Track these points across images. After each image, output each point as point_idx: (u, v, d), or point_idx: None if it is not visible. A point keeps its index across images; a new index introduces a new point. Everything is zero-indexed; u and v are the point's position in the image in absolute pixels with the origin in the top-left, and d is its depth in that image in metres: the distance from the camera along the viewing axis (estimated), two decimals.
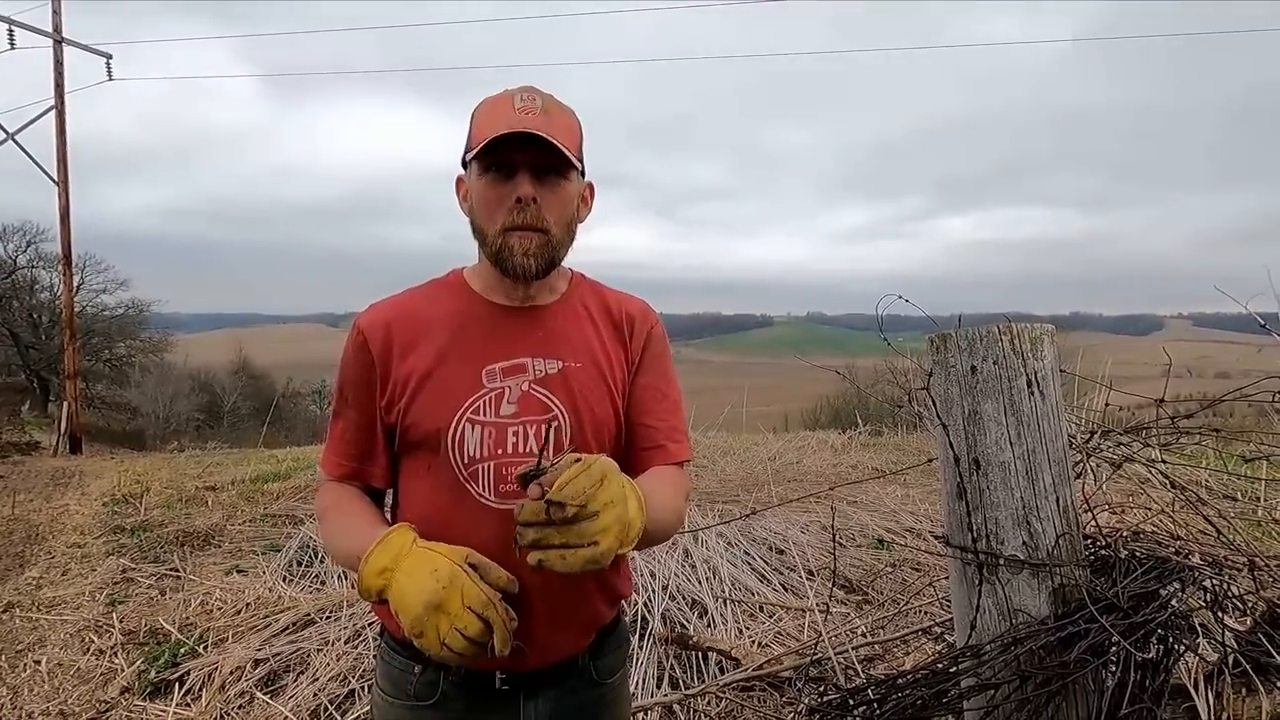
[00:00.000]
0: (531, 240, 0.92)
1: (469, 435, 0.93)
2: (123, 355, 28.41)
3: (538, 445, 0.93)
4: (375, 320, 0.98)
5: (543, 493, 0.72)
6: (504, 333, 0.97)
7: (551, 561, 0.74)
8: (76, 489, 7.92)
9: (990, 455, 0.87)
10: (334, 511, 0.99)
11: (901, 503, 4.59)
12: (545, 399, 0.95)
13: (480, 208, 0.94)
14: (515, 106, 0.91)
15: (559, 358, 0.97)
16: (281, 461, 9.27)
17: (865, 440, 8.30)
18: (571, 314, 1.01)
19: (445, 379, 0.94)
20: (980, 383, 0.88)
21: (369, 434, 1.00)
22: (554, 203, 0.93)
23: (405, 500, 1.00)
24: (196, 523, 5.23)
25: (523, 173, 0.91)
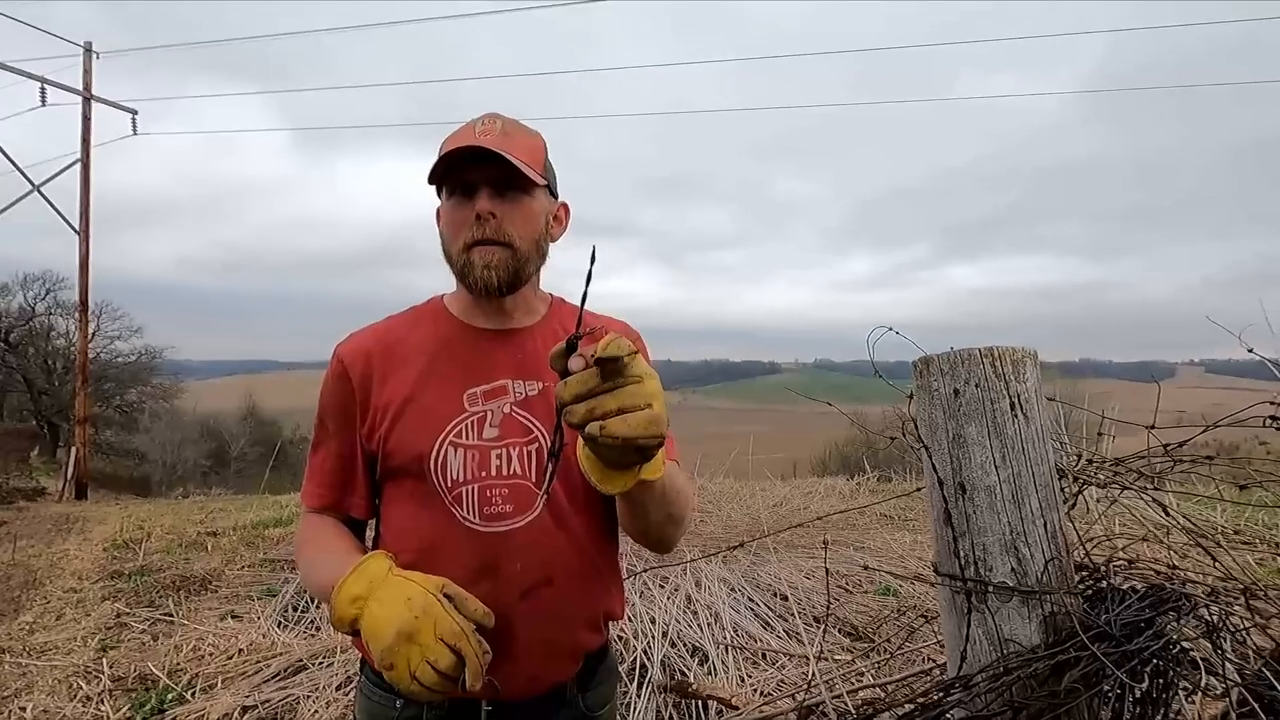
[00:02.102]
0: (494, 254, 0.93)
1: (452, 459, 0.92)
2: (133, 401, 28.61)
3: (522, 468, 0.93)
4: (355, 348, 0.99)
5: (587, 362, 0.68)
6: (484, 356, 0.98)
7: (613, 427, 0.67)
8: (79, 534, 7.88)
9: (976, 479, 0.86)
10: (311, 543, 0.98)
11: (909, 549, 4.50)
12: (526, 421, 0.95)
13: (446, 229, 0.97)
14: (476, 130, 0.94)
15: (540, 379, 0.97)
16: (284, 507, 9.21)
17: (874, 486, 8.18)
18: (551, 335, 1.01)
19: (427, 403, 0.95)
20: (964, 406, 0.87)
21: (349, 463, 0.99)
22: (516, 218, 0.94)
23: (388, 526, 0.99)
24: (195, 568, 5.17)
25: (483, 189, 0.93)
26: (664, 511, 0.90)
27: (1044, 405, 0.89)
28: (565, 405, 0.69)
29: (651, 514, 0.89)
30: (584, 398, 0.69)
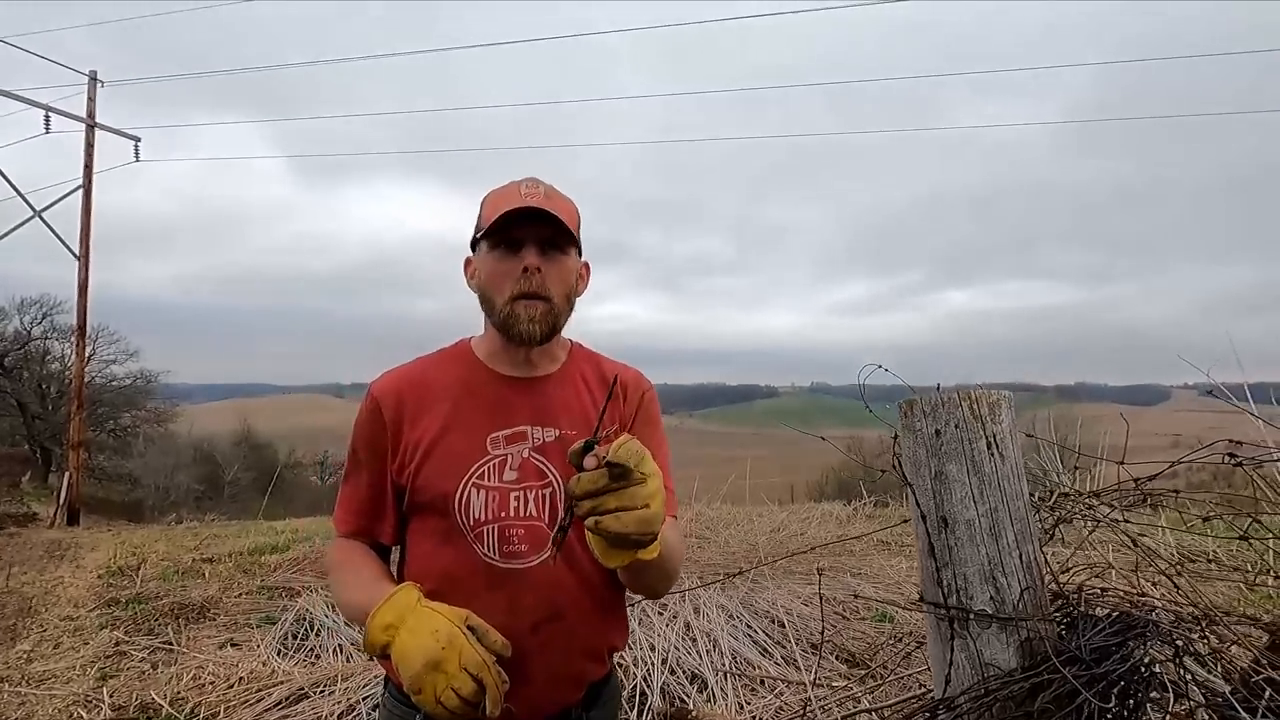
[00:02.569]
0: (537, 308, 1.01)
1: (474, 499, 0.99)
2: (127, 425, 28.48)
3: (537, 510, 1.00)
4: (388, 387, 1.06)
5: (598, 462, 0.78)
6: (506, 401, 1.05)
7: (607, 524, 0.78)
8: (71, 561, 7.82)
9: (957, 513, 0.93)
10: (344, 566, 1.05)
11: (905, 575, 4.53)
12: (543, 466, 1.02)
13: (489, 280, 1.04)
14: (521, 192, 1.02)
15: (557, 426, 1.04)
16: (280, 533, 9.17)
17: (870, 512, 8.20)
18: (569, 383, 1.09)
19: (453, 445, 1.02)
20: (944, 445, 0.95)
21: (379, 495, 1.06)
22: (556, 274, 1.03)
23: (412, 558, 1.06)
24: (192, 595, 5.16)
25: (529, 245, 1.01)
26: (657, 576, 0.99)
27: (1018, 444, 0.96)
28: (575, 499, 0.80)
29: (646, 579, 0.99)
30: (590, 495, 0.79)
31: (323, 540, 7.73)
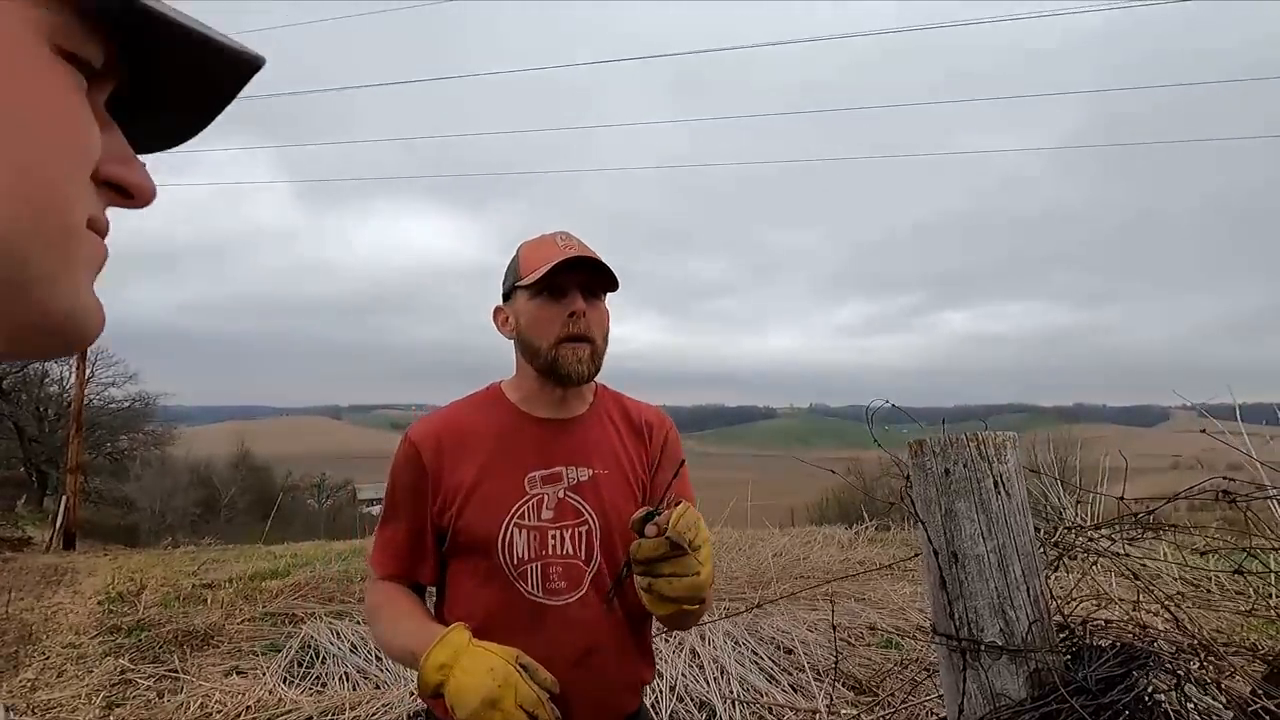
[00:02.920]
0: (584, 350, 1.06)
1: (517, 539, 1.04)
2: (125, 448, 28.39)
3: (574, 548, 1.05)
4: (426, 433, 1.10)
5: (660, 530, 0.85)
6: (542, 443, 1.10)
7: (660, 587, 0.86)
8: (70, 587, 7.78)
9: (966, 549, 0.98)
10: (387, 609, 1.08)
11: (910, 600, 4.54)
12: (577, 504, 1.07)
13: (533, 326, 1.08)
14: (559, 244, 1.08)
15: (590, 465, 1.09)
16: (280, 558, 9.12)
17: (872, 535, 8.20)
18: (599, 423, 1.14)
19: (493, 487, 1.06)
20: (953, 484, 1.00)
21: (420, 538, 1.10)
22: (597, 318, 1.08)
23: (454, 598, 1.09)
24: (195, 622, 5.15)
25: (574, 291, 1.07)
26: (696, 620, 1.05)
27: (1023, 483, 1.02)
28: (634, 562, 0.88)
29: (686, 623, 1.05)
30: (648, 562, 0.87)
31: (323, 565, 7.70)
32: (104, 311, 0.33)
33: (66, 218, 0.31)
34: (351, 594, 5.89)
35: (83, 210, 0.31)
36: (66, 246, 0.31)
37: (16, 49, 0.28)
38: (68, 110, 0.31)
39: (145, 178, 0.35)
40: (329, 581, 6.55)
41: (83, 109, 0.31)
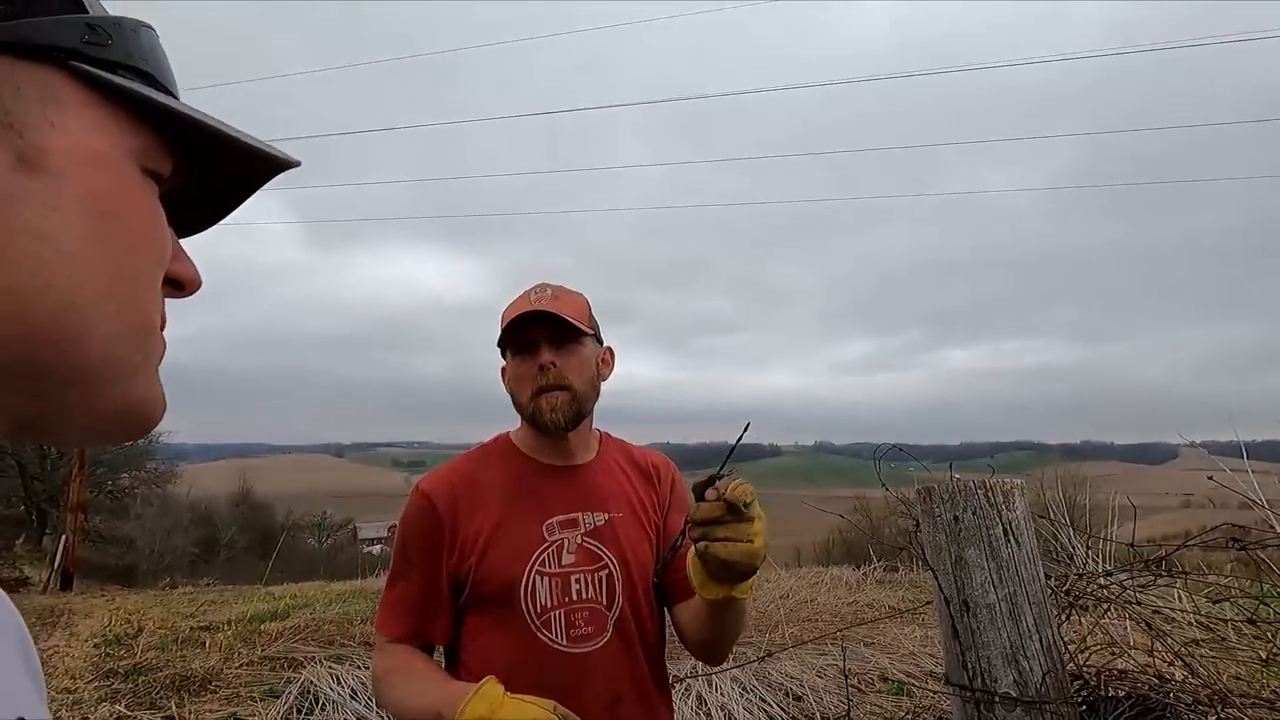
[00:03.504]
0: (558, 398, 1.08)
1: (539, 586, 1.04)
2: (126, 486, 28.24)
3: (595, 593, 1.05)
4: (439, 483, 1.10)
5: (719, 495, 0.86)
6: (556, 489, 1.11)
7: (715, 549, 0.86)
8: (66, 629, 7.66)
9: (978, 597, 0.98)
10: (402, 673, 1.04)
11: (921, 645, 4.45)
12: (595, 549, 1.07)
13: (514, 382, 1.11)
14: (530, 299, 1.10)
15: (605, 510, 1.10)
16: (279, 599, 8.99)
17: (880, 576, 8.07)
18: (607, 469, 1.15)
19: (512, 534, 1.06)
20: (963, 531, 1.01)
21: (434, 593, 1.08)
22: (573, 364, 1.09)
23: (471, 650, 1.07)
24: (193, 665, 5.06)
25: (543, 345, 1.08)
26: (734, 629, 1.04)
27: (1032, 530, 1.02)
28: (691, 524, 0.88)
29: (726, 628, 1.03)
30: (705, 523, 0.87)
31: (323, 607, 7.59)
32: (166, 398, 0.37)
33: (148, 318, 0.35)
34: (351, 636, 5.79)
35: (158, 310, 0.36)
36: (146, 344, 0.35)
37: (121, 171, 0.33)
38: (153, 222, 0.35)
39: (194, 271, 0.39)
40: (329, 624, 6.44)
41: (161, 219, 0.36)
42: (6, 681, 0.37)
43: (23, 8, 0.30)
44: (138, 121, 0.34)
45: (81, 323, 0.31)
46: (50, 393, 0.32)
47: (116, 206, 0.33)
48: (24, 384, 0.31)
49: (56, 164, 0.31)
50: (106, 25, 0.33)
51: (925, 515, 1.05)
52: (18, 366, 0.31)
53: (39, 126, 0.30)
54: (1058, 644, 0.97)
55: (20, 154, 0.30)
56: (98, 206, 0.32)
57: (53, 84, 0.31)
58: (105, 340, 0.32)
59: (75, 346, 0.31)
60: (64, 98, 0.31)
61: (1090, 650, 1.12)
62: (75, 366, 0.32)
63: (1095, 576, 1.18)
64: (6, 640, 0.40)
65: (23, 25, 0.30)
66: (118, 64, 0.33)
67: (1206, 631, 1.24)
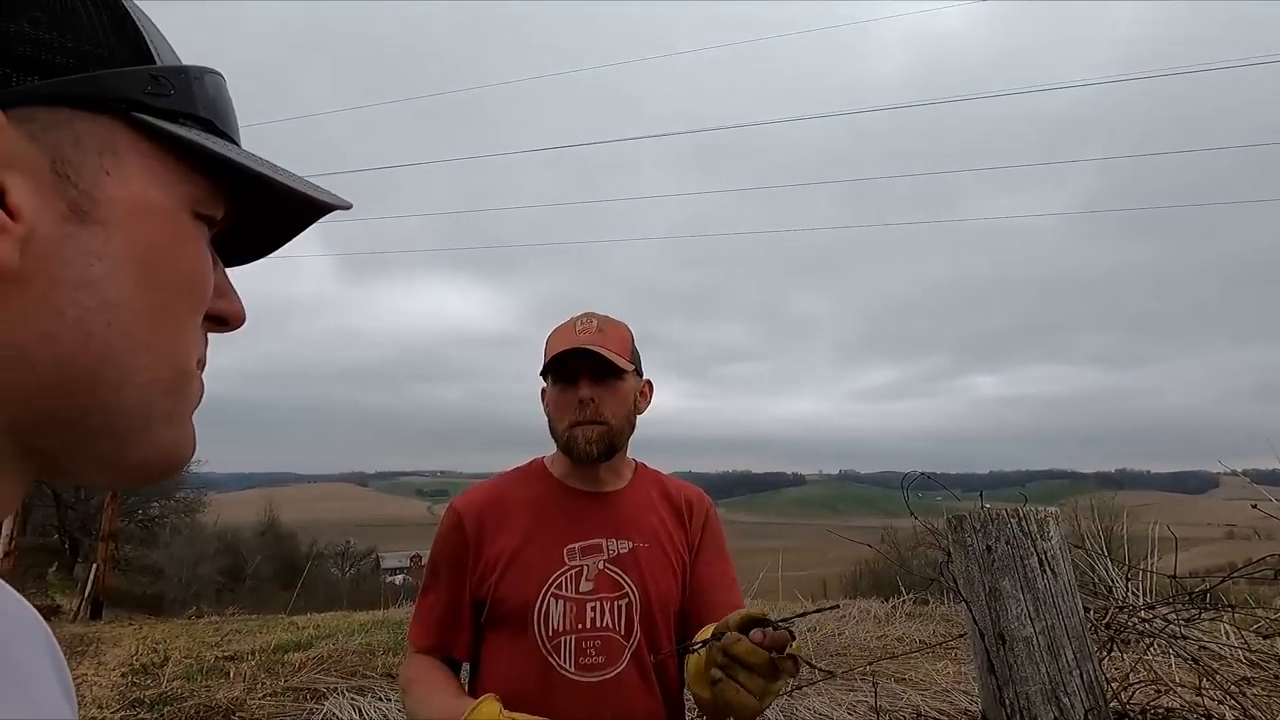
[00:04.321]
0: (593, 430, 1.09)
1: (553, 609, 1.04)
2: (155, 515, 28.68)
3: (613, 621, 1.04)
4: (470, 503, 1.13)
5: (765, 640, 0.82)
6: (581, 515, 1.11)
7: (727, 692, 0.82)
8: (94, 658, 7.73)
9: (1014, 631, 0.95)
10: (420, 683, 1.07)
11: (954, 681, 4.30)
12: (617, 577, 1.07)
13: (553, 410, 1.13)
14: (576, 329, 1.12)
15: (629, 539, 1.10)
16: (303, 629, 9.00)
17: (910, 609, 7.85)
18: (637, 499, 1.15)
19: (532, 556, 1.07)
20: (996, 561, 0.98)
21: (457, 609, 1.11)
22: (611, 400, 1.11)
23: (487, 672, 1.09)
24: (217, 696, 5.06)
25: (584, 379, 1.10)
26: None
27: (1069, 560, 0.99)
28: (722, 645, 0.84)
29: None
30: (733, 658, 0.83)
31: (345, 637, 7.58)
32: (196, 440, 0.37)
33: (185, 365, 0.35)
34: (374, 668, 5.76)
35: (195, 355, 0.36)
36: (182, 390, 0.35)
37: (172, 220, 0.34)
38: (198, 269, 0.36)
39: (240, 306, 0.40)
40: (351, 654, 6.42)
41: (207, 264, 0.36)
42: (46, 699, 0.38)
43: (86, 59, 0.31)
44: (193, 169, 0.35)
45: (118, 372, 0.32)
46: (82, 440, 0.32)
47: (163, 256, 0.33)
48: (59, 431, 0.32)
49: (108, 214, 0.31)
50: (169, 75, 0.34)
51: (957, 545, 1.02)
52: (54, 414, 0.31)
53: (94, 176, 0.31)
54: (1100, 680, 0.93)
55: (73, 204, 0.30)
56: (144, 256, 0.32)
57: (112, 134, 0.32)
58: (140, 389, 0.33)
59: (111, 395, 0.32)
60: (121, 147, 0.32)
61: (1134, 687, 1.07)
62: (109, 414, 0.32)
63: (1137, 610, 1.14)
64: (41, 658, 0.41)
65: (86, 79, 0.31)
66: (178, 113, 0.34)
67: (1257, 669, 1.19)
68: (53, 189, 0.30)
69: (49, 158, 0.30)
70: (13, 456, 0.31)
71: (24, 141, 0.29)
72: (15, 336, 0.29)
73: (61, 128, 0.30)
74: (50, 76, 0.30)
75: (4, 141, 0.29)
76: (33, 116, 0.30)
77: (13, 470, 0.32)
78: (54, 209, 0.30)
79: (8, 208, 0.29)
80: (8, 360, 0.29)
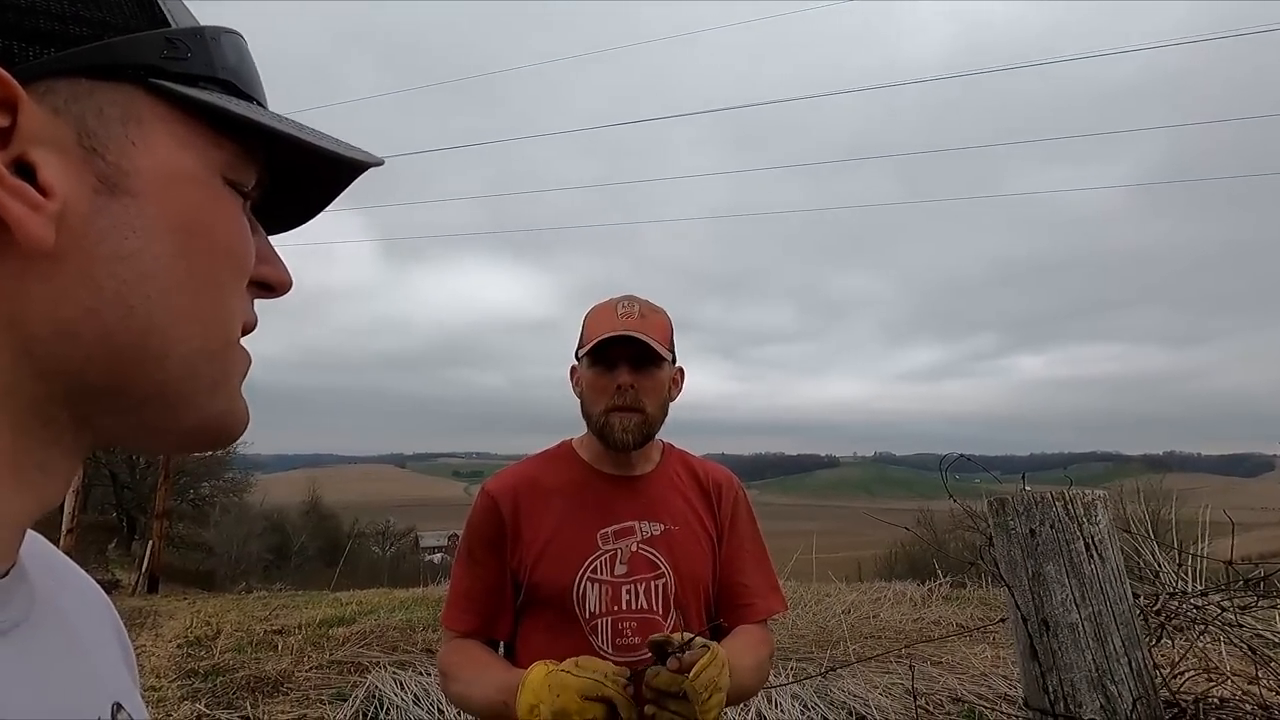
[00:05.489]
0: (630, 419, 1.09)
1: (590, 592, 1.05)
2: (206, 495, 29.83)
3: (648, 603, 1.04)
4: (504, 486, 1.14)
5: (680, 666, 0.83)
6: (613, 499, 1.12)
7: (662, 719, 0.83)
8: (152, 629, 8.10)
9: (1058, 616, 0.93)
10: (467, 665, 1.08)
11: (992, 665, 4.25)
12: (652, 557, 1.07)
13: (588, 393, 1.12)
14: (618, 313, 1.11)
15: (661, 521, 1.10)
16: (346, 605, 9.29)
17: (946, 592, 7.76)
18: (667, 481, 1.15)
19: (567, 541, 1.08)
20: (1040, 545, 0.96)
21: (497, 591, 1.11)
22: (649, 387, 1.10)
23: (528, 651, 1.09)
24: (266, 668, 5.27)
25: (623, 365, 1.09)
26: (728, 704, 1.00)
27: (1118, 545, 0.96)
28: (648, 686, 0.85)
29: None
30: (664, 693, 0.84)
31: (386, 613, 7.80)
32: (249, 412, 0.38)
33: (228, 333, 0.35)
34: (414, 643, 5.93)
35: (240, 321, 0.36)
36: (226, 358, 0.35)
37: (203, 186, 0.34)
38: (236, 234, 0.35)
39: (285, 272, 0.40)
40: (392, 630, 6.62)
41: (244, 229, 0.36)
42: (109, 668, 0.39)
43: (101, 28, 0.30)
44: (219, 133, 0.34)
45: (162, 343, 0.32)
46: (133, 410, 0.33)
47: (198, 223, 0.33)
48: (108, 402, 0.32)
49: (138, 184, 0.31)
50: (185, 37, 0.33)
51: (999, 529, 1.00)
52: (102, 386, 0.32)
53: (121, 147, 0.31)
54: (1149, 668, 0.91)
55: (102, 176, 0.30)
56: (179, 224, 0.32)
57: (133, 102, 0.31)
58: (185, 359, 0.33)
59: (156, 366, 0.32)
60: (144, 115, 0.32)
61: (1184, 676, 1.04)
62: (156, 385, 0.33)
63: (1189, 596, 1.10)
64: (104, 629, 0.42)
65: (101, 47, 0.30)
66: (198, 76, 0.33)
67: None
68: (81, 163, 0.30)
69: (74, 131, 0.30)
70: (68, 427, 0.32)
71: (48, 116, 0.29)
72: (59, 313, 0.30)
73: (83, 99, 0.30)
74: (67, 48, 0.29)
75: (30, 118, 0.28)
76: (54, 90, 0.29)
77: (69, 440, 0.33)
78: (85, 183, 0.30)
79: (39, 185, 0.29)
80: (54, 337, 0.30)
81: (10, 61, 0.28)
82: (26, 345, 0.29)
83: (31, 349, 0.30)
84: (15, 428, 0.30)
